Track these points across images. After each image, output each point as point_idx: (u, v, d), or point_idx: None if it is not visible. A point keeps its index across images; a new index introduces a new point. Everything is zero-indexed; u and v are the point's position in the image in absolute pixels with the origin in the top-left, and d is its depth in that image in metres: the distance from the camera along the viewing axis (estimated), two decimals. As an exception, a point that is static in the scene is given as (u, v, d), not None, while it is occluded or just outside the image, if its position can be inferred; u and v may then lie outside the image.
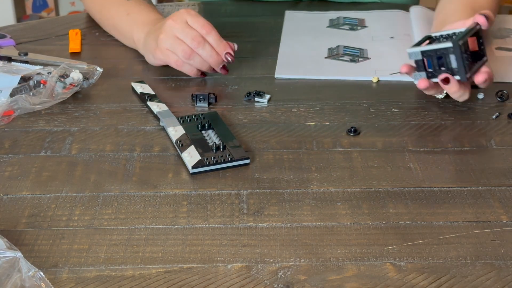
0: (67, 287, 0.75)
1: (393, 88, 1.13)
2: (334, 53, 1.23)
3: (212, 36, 1.11)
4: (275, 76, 1.17)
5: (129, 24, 1.24)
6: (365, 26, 1.33)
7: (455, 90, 1.01)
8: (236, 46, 1.13)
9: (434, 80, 1.01)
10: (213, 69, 1.14)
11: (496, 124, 1.04)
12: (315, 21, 1.35)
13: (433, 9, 1.29)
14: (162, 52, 1.14)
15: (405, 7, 1.39)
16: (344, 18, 1.36)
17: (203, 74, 1.16)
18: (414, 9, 1.36)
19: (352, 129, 1.01)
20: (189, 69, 1.14)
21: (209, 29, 1.11)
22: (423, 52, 1.01)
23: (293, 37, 1.28)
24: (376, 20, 1.35)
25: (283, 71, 1.18)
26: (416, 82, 1.03)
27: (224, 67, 1.13)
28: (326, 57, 1.22)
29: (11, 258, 0.73)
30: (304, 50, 1.24)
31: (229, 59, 1.12)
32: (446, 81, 1.00)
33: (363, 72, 1.17)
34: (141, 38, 1.20)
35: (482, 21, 1.03)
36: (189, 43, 1.11)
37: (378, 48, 1.25)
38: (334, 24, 1.34)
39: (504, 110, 1.07)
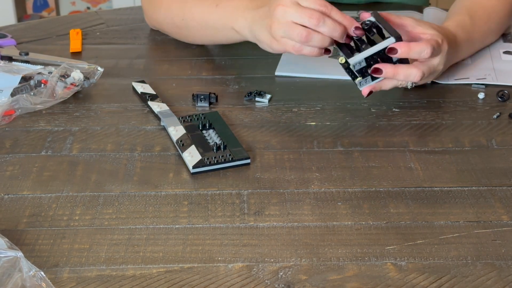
0: (68, 287, 0.75)
1: (394, 88, 1.13)
2: (338, 52, 1.23)
3: (335, 13, 1.03)
4: (276, 73, 1.17)
5: (223, 16, 1.16)
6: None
7: (398, 73, 1.01)
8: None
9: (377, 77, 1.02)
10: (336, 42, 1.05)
11: (497, 124, 1.04)
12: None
13: (447, 10, 1.28)
14: (278, 42, 1.05)
15: (420, 9, 1.39)
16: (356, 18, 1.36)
17: (327, 51, 1.06)
18: (427, 11, 1.36)
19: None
20: (310, 51, 1.04)
21: (329, 7, 1.02)
22: (366, 58, 1.01)
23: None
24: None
25: (284, 68, 1.18)
26: (361, 89, 1.03)
27: (354, 31, 1.03)
28: (330, 56, 1.22)
29: (12, 258, 0.73)
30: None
31: (357, 32, 1.02)
32: (377, 71, 1.01)
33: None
34: (245, 26, 1.11)
35: (363, 16, 1.04)
36: (307, 23, 1.01)
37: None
38: None
39: (505, 110, 1.07)
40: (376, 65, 1.01)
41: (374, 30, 1.03)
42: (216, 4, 1.17)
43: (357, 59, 1.00)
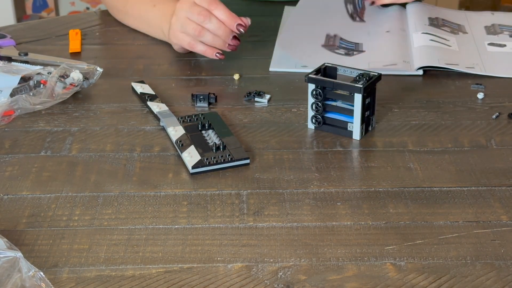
0: (67, 287, 0.75)
1: (393, 88, 1.13)
2: (330, 43, 1.24)
3: (219, 10, 1.11)
4: (270, 69, 1.18)
5: (157, 16, 1.25)
6: (363, 21, 1.33)
7: None
8: (249, 20, 1.13)
9: None
10: (229, 46, 1.14)
11: (496, 124, 1.04)
12: (314, 9, 1.35)
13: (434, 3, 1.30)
14: (175, 35, 1.15)
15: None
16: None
17: (221, 55, 1.16)
18: (410, 5, 1.37)
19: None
20: (203, 49, 1.15)
21: (216, 4, 1.11)
22: None
23: (291, 25, 1.28)
24: (374, 14, 1.35)
25: (278, 64, 1.19)
26: None
27: (234, 37, 1.13)
28: (323, 45, 1.23)
29: (11, 258, 0.73)
30: (302, 36, 1.24)
31: (241, 30, 1.11)
32: None
33: (357, 65, 1.17)
34: (168, 26, 1.20)
35: None
36: (195, 19, 1.12)
37: (374, 42, 1.25)
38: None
39: (504, 110, 1.07)
40: None
41: None
42: (154, 4, 1.25)
43: None
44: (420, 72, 1.16)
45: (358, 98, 0.98)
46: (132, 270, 0.77)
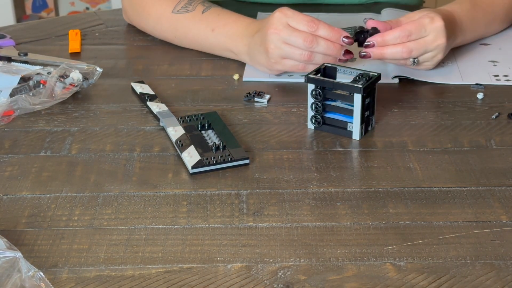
0: (67, 287, 0.75)
1: (393, 88, 1.13)
2: None
3: (322, 29, 1.07)
4: (244, 79, 1.16)
5: (220, 41, 1.20)
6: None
7: (384, 54, 1.09)
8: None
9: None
10: (340, 60, 1.11)
11: (496, 124, 1.04)
12: None
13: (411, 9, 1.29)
14: (278, 63, 1.11)
15: (414, 8, 1.39)
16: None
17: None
18: (385, 11, 1.35)
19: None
20: (313, 68, 1.08)
21: (316, 24, 1.07)
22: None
23: None
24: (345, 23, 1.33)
25: (250, 74, 1.18)
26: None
27: (347, 52, 1.09)
28: None
29: (11, 258, 0.73)
30: None
31: (346, 41, 1.08)
32: (366, 55, 1.10)
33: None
34: (244, 51, 1.17)
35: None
36: (301, 46, 1.07)
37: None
38: None
39: (504, 110, 1.07)
40: (364, 50, 1.08)
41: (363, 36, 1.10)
42: (212, 29, 1.20)
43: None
44: (396, 80, 1.15)
45: (358, 98, 0.98)
46: (132, 270, 0.77)
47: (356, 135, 1.00)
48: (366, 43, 1.09)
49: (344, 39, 1.08)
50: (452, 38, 1.14)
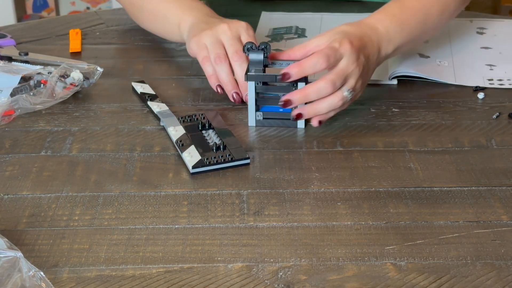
0: (67, 287, 0.75)
1: (393, 88, 1.13)
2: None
3: (238, 65, 1.07)
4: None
5: (178, 9, 1.18)
6: (305, 36, 1.31)
7: (308, 94, 1.00)
8: (247, 97, 1.05)
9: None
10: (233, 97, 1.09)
11: (497, 124, 1.04)
12: (284, 24, 1.34)
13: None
14: (198, 43, 1.10)
15: None
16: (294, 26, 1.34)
17: (223, 89, 1.09)
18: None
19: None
20: (210, 72, 1.09)
21: (240, 59, 1.07)
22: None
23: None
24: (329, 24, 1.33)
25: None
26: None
27: (237, 97, 1.08)
28: None
29: (11, 258, 0.73)
30: None
31: (235, 97, 1.07)
32: (288, 102, 0.99)
33: None
34: (188, 23, 1.15)
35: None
36: (213, 54, 1.08)
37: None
38: (281, 32, 1.32)
39: (504, 110, 1.07)
40: (282, 98, 0.98)
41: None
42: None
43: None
44: (395, 81, 1.15)
45: (302, 86, 0.99)
46: (133, 270, 0.77)
47: (301, 124, 1.02)
48: (282, 72, 0.98)
49: (233, 94, 1.07)
50: (373, 58, 1.05)
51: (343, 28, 1.04)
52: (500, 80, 1.15)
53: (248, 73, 1.01)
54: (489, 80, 1.15)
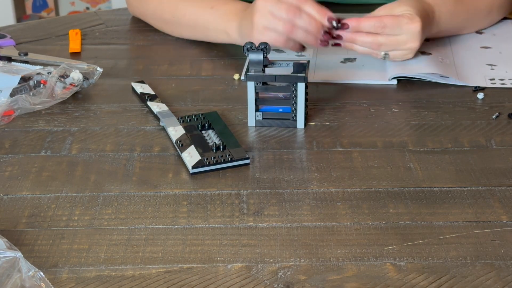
0: (67, 287, 0.75)
1: (393, 88, 1.13)
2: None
3: (309, 5, 1.09)
4: (242, 78, 1.16)
5: (217, 17, 1.19)
6: None
7: (355, 39, 1.10)
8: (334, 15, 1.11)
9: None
10: (321, 42, 1.11)
11: (496, 124, 1.04)
12: None
13: None
14: (259, 31, 1.10)
15: None
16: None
17: (303, 47, 1.15)
18: None
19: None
20: (294, 45, 1.12)
21: (303, 0, 1.09)
22: None
23: None
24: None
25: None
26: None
27: (326, 33, 1.09)
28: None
29: (11, 258, 0.73)
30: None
31: (333, 23, 1.09)
32: (339, 37, 1.10)
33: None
34: (236, 28, 1.17)
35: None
36: (284, 16, 1.08)
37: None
38: None
39: (504, 110, 1.07)
40: (337, 32, 1.09)
41: None
42: (211, 6, 1.20)
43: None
44: (394, 81, 1.15)
45: (301, 87, 1.00)
46: (132, 270, 0.77)
47: (301, 124, 1.02)
48: (341, 24, 1.08)
49: (330, 20, 1.09)
50: (427, 29, 1.14)
51: (414, 3, 1.12)
52: (501, 79, 1.15)
53: (248, 73, 1.01)
54: (491, 79, 1.15)
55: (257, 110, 1.03)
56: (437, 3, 1.17)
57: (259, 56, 1.01)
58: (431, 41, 1.24)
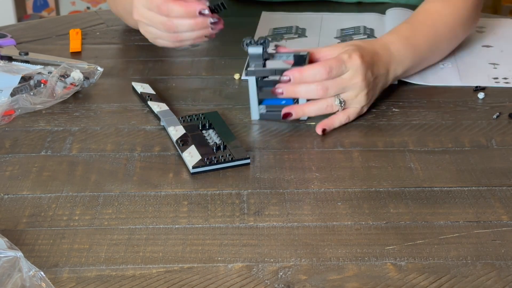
0: (67, 287, 0.75)
1: (393, 88, 1.13)
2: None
3: (175, 11, 1.05)
4: (243, 77, 1.16)
5: None
6: (306, 36, 1.31)
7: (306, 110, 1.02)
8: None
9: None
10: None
11: (497, 124, 1.04)
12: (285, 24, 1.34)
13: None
14: (154, 41, 1.10)
15: (413, 8, 1.38)
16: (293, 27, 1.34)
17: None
18: (390, 11, 1.35)
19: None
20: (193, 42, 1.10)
21: (165, 9, 1.05)
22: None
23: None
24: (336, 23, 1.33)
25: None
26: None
27: (215, 23, 1.06)
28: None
29: (11, 258, 0.73)
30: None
31: (204, 13, 1.05)
32: (288, 115, 1.02)
33: None
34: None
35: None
36: (164, 32, 1.07)
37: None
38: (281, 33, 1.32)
39: (504, 110, 1.07)
40: (284, 110, 1.01)
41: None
42: None
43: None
44: (395, 81, 1.14)
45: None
46: (133, 270, 0.77)
47: (304, 116, 1.03)
48: (282, 78, 0.99)
49: (201, 12, 1.05)
50: (383, 72, 1.05)
51: (357, 42, 1.05)
52: (505, 78, 1.15)
53: (248, 69, 1.01)
54: (494, 78, 1.15)
55: (260, 103, 1.03)
56: (391, 41, 1.08)
57: (258, 50, 1.01)
58: None
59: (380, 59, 1.05)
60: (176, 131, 1.00)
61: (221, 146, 0.96)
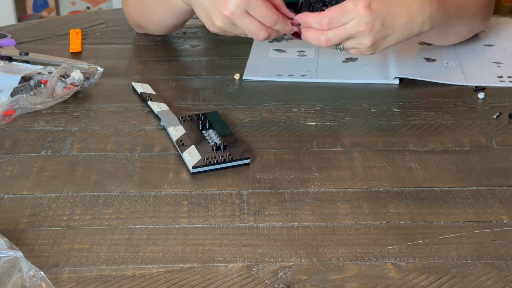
0: (67, 287, 0.75)
1: (393, 88, 1.13)
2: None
3: (277, 25, 1.04)
4: (244, 78, 1.16)
5: None
6: None
7: (308, 37, 1.03)
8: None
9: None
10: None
11: (497, 124, 1.04)
12: None
13: None
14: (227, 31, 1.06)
15: None
16: None
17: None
18: None
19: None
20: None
21: (273, 20, 1.03)
22: None
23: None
24: None
25: (252, 73, 1.17)
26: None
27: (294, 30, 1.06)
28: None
29: (11, 258, 0.73)
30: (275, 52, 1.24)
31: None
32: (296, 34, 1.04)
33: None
34: None
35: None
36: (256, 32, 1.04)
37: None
38: None
39: (505, 110, 1.07)
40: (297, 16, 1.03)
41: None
42: None
43: None
44: (397, 81, 1.14)
45: None
46: (133, 270, 0.77)
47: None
48: (292, 20, 1.03)
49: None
50: (404, 21, 1.03)
51: None
52: (510, 77, 1.15)
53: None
54: (499, 77, 1.15)
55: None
56: None
57: None
58: (435, 46, 1.24)
59: (400, 9, 1.02)
60: (176, 131, 1.00)
61: (221, 146, 0.96)
